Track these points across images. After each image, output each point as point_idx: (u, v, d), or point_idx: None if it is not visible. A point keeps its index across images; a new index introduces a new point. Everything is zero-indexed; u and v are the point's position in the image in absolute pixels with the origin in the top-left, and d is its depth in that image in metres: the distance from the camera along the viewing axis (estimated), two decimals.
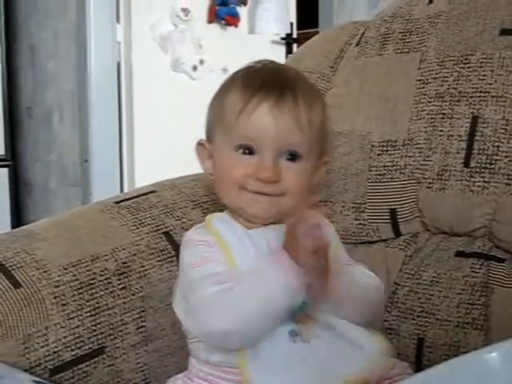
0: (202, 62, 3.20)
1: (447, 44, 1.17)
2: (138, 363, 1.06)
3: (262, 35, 3.57)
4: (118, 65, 3.03)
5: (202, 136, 1.01)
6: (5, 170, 2.89)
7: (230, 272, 0.88)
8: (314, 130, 0.93)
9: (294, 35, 3.76)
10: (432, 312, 1.08)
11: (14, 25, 3.04)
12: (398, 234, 1.18)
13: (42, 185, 3.05)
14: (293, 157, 0.92)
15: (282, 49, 3.70)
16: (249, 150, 0.91)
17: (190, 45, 3.17)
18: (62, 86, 2.91)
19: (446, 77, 1.15)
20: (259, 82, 0.93)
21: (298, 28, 3.77)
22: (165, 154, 2.91)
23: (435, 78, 1.16)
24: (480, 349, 0.72)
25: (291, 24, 3.72)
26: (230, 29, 3.46)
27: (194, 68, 3.17)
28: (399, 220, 1.17)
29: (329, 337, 0.90)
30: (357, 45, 1.31)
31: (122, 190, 2.97)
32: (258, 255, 0.90)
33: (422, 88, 1.17)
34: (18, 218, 2.96)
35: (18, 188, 3.06)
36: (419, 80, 1.18)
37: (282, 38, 3.69)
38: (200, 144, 1.00)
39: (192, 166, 1.10)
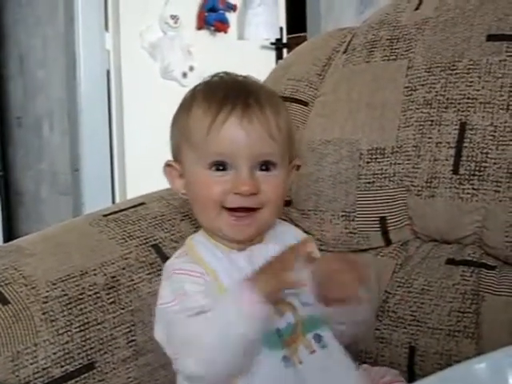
0: (191, 68, 3.19)
1: (434, 50, 1.17)
2: (129, 378, 1.05)
3: (252, 41, 3.56)
4: (108, 73, 3.02)
5: None
6: None
7: (204, 306, 0.85)
8: (284, 135, 0.92)
9: (284, 40, 3.75)
10: (423, 320, 1.07)
11: (2, 33, 3.03)
12: (388, 242, 1.17)
13: (34, 193, 3.04)
14: (267, 166, 0.91)
15: (272, 54, 3.69)
16: (222, 166, 0.90)
17: (180, 52, 3.17)
18: (51, 95, 2.90)
19: (433, 83, 1.15)
20: (222, 94, 0.91)
21: (288, 32, 3.77)
22: (156, 161, 2.88)
23: (423, 85, 1.16)
24: (471, 358, 0.72)
25: (281, 29, 3.72)
26: (220, 35, 3.45)
27: (184, 75, 3.16)
28: (389, 228, 1.16)
29: (313, 360, 0.88)
30: (344, 52, 1.31)
31: (113, 199, 2.96)
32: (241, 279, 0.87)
33: (410, 95, 1.17)
34: (9, 227, 2.95)
35: (9, 197, 3.05)
36: (407, 87, 1.18)
37: (272, 43, 3.68)
38: (168, 165, 0.98)
39: None
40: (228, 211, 0.90)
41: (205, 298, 0.86)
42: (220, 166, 0.90)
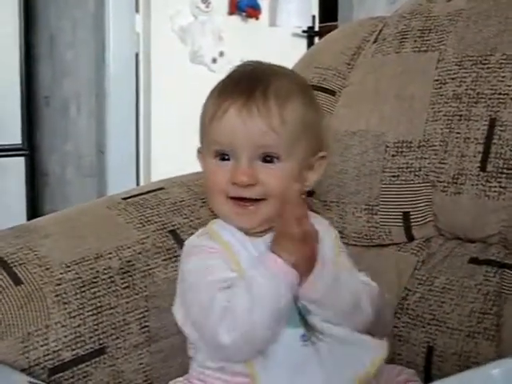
0: (221, 54, 3.17)
1: (466, 43, 1.14)
2: (141, 364, 1.04)
3: (283, 28, 3.53)
4: (137, 56, 3.01)
5: None
6: (21, 160, 2.88)
7: (232, 279, 0.86)
8: (291, 127, 0.90)
9: (316, 28, 3.71)
10: (443, 320, 1.05)
11: (33, 14, 3.03)
12: (410, 238, 1.15)
13: (59, 175, 3.05)
14: (270, 158, 0.90)
15: (303, 42, 3.65)
16: (227, 156, 0.90)
17: (210, 36, 3.14)
18: (79, 76, 2.89)
19: (464, 77, 1.12)
20: (233, 84, 0.91)
21: (320, 21, 3.73)
22: (182, 146, 2.87)
23: (453, 79, 1.13)
24: (490, 361, 0.70)
25: (313, 17, 3.68)
26: (251, 21, 3.42)
27: (214, 60, 3.14)
28: (412, 224, 1.14)
29: (331, 340, 0.88)
30: (374, 42, 1.28)
31: (137, 182, 2.95)
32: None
33: (440, 88, 1.14)
34: (34, 208, 2.95)
35: (35, 178, 3.06)
36: (437, 80, 1.15)
37: (304, 31, 3.64)
38: (199, 152, 0.98)
39: None
40: (232, 200, 0.91)
41: (228, 270, 0.87)
42: (224, 155, 0.90)
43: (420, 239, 1.14)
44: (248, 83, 0.90)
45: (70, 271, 1.01)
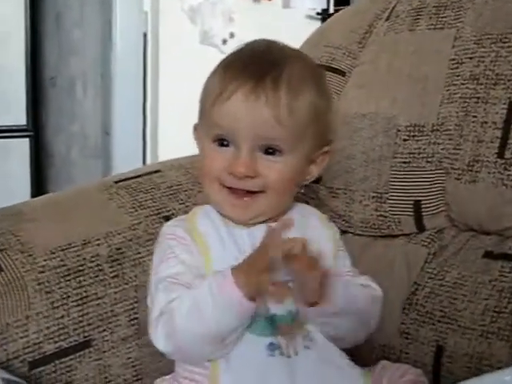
0: (232, 35, 3.09)
1: (485, 21, 1.07)
2: (129, 358, 0.98)
3: (297, 9, 3.44)
4: (145, 35, 2.94)
5: None
6: (26, 141, 2.83)
7: (186, 275, 0.81)
8: (299, 121, 0.83)
9: (331, 10, 3.62)
10: (454, 318, 0.97)
11: None
12: (421, 228, 1.08)
13: (64, 156, 2.99)
14: (272, 151, 0.83)
15: (317, 24, 3.55)
16: (226, 142, 0.84)
17: (221, 17, 3.07)
18: (86, 55, 2.83)
19: (482, 57, 1.04)
20: (242, 64, 0.84)
21: (335, 3, 3.64)
22: (189, 128, 2.82)
23: (470, 58, 1.06)
24: (504, 364, 0.63)
25: None
26: (264, 2, 3.33)
27: (224, 41, 3.07)
28: (424, 213, 1.06)
29: (310, 354, 0.82)
30: (387, 19, 1.21)
31: (144, 164, 2.89)
32: (238, 257, 0.80)
33: (456, 68, 1.07)
34: (38, 189, 2.90)
35: (40, 159, 3.01)
36: (453, 59, 1.07)
37: (318, 13, 3.56)
38: (195, 128, 0.92)
39: None
40: (227, 189, 0.85)
41: (186, 266, 0.82)
42: (223, 140, 0.84)
43: (431, 230, 1.07)
44: (258, 66, 0.83)
45: (54, 258, 0.95)
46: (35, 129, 2.90)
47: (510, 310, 0.94)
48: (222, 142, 0.84)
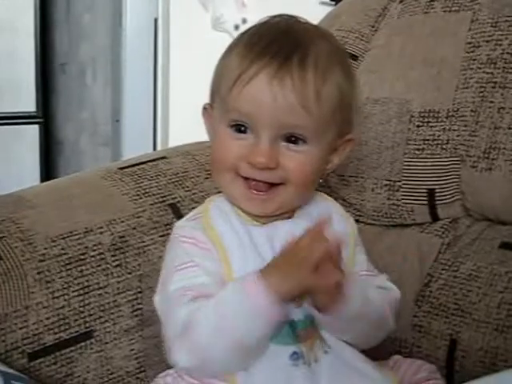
0: (244, 21, 3.04)
1: (503, 2, 1.03)
2: (132, 350, 0.95)
3: None
4: (155, 21, 2.90)
5: None
6: (36, 127, 2.80)
7: (211, 286, 0.74)
8: (327, 107, 0.76)
9: None
10: (468, 311, 0.94)
11: None
12: (435, 217, 1.04)
13: (74, 143, 2.97)
14: (295, 139, 0.76)
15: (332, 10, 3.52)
16: (244, 128, 0.76)
17: (233, 3, 3.02)
18: (96, 41, 2.79)
19: (499, 40, 1.01)
20: (264, 43, 0.75)
21: None
22: (201, 116, 2.78)
23: (487, 42, 1.02)
24: None
25: None
26: None
27: (236, 27, 3.02)
28: (437, 202, 1.03)
29: (330, 360, 0.76)
30: (401, 1, 1.17)
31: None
32: (257, 259, 0.75)
33: (472, 52, 1.03)
34: (48, 176, 2.88)
35: (50, 146, 2.98)
36: (469, 43, 1.04)
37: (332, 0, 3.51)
38: (205, 108, 0.84)
39: None
40: (243, 179, 0.77)
41: (206, 275, 0.75)
42: (241, 126, 0.76)
43: (445, 219, 1.03)
44: (283, 44, 0.75)
45: (55, 246, 0.92)
46: (45, 116, 2.87)
47: None
48: (239, 127, 0.76)
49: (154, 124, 2.88)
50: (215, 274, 0.75)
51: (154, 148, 2.86)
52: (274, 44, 0.75)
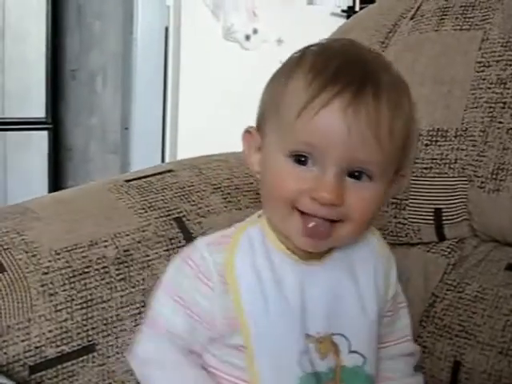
0: (255, 31, 3.05)
1: None
2: None
3: (322, 6, 3.39)
4: (166, 30, 2.90)
5: (251, 112, 0.78)
6: (45, 134, 2.81)
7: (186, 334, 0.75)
8: (397, 142, 0.70)
9: (357, 8, 3.57)
10: (473, 333, 0.93)
11: None
12: (441, 237, 1.03)
13: (83, 150, 2.98)
14: (359, 174, 0.70)
15: (343, 22, 3.51)
16: (304, 159, 0.69)
17: (244, 13, 3.02)
18: (106, 49, 2.81)
19: (510, 60, 1.00)
20: (334, 69, 0.68)
21: (361, 1, 3.58)
22: (211, 124, 2.79)
23: (497, 61, 1.01)
24: None
25: None
26: None
27: (247, 37, 3.03)
28: (444, 222, 1.02)
29: None
30: (411, 18, 1.16)
31: (163, 161, 2.87)
32: (278, 297, 0.72)
33: (482, 71, 1.02)
34: (56, 183, 2.89)
35: (59, 152, 2.99)
36: (479, 62, 1.03)
37: (343, 11, 3.51)
38: (248, 132, 0.77)
39: (237, 141, 0.86)
40: (300, 214, 0.71)
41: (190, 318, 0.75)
42: (302, 157, 0.70)
43: (452, 240, 1.03)
44: (355, 72, 0.69)
45: (59, 259, 0.91)
46: (54, 122, 2.88)
47: None
48: (299, 157, 0.70)
49: (163, 133, 2.89)
50: (203, 313, 0.74)
51: (163, 157, 2.87)
52: (345, 71, 0.69)
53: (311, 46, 0.74)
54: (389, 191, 0.75)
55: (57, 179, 2.93)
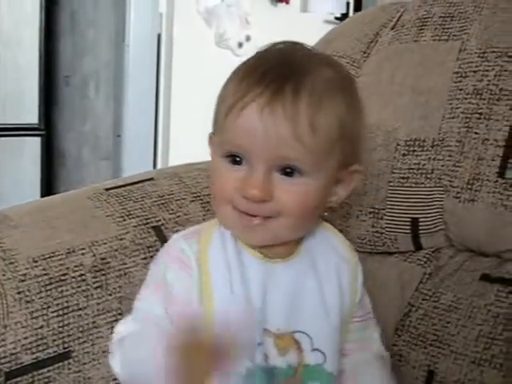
0: (248, 38, 3.06)
1: (491, 33, 1.02)
2: (110, 371, 0.94)
3: (316, 14, 3.40)
4: (159, 37, 2.91)
5: None
6: (37, 139, 2.82)
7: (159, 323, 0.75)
8: (323, 138, 0.72)
9: (350, 15, 3.58)
10: (447, 342, 0.93)
11: None
12: (418, 247, 1.04)
13: (75, 156, 2.98)
14: (290, 171, 0.73)
15: None
16: (239, 159, 0.74)
17: (237, 20, 3.03)
18: (99, 55, 2.81)
19: (486, 71, 1.00)
20: (260, 72, 0.72)
21: (355, 8, 3.59)
22: (202, 132, 2.78)
23: (474, 72, 1.01)
24: None
25: (347, 3, 3.55)
26: (281, 5, 3.30)
27: (240, 45, 3.04)
28: (421, 232, 1.02)
29: None
30: (392, 28, 1.17)
31: (155, 167, 2.87)
32: (241, 295, 0.75)
33: (459, 82, 1.02)
34: (49, 189, 2.89)
35: (52, 158, 3.00)
36: (456, 72, 1.03)
37: (337, 18, 3.52)
38: (210, 137, 0.81)
39: None
40: (239, 213, 0.75)
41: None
42: (236, 157, 0.74)
43: (428, 249, 1.03)
44: (278, 73, 0.72)
45: (36, 267, 0.92)
46: (47, 128, 2.89)
47: (505, 337, 0.90)
48: (234, 158, 0.74)
49: (155, 139, 2.90)
50: (182, 301, 0.76)
51: (155, 163, 2.87)
52: (271, 72, 0.72)
53: (257, 52, 0.79)
54: (340, 187, 0.79)
55: (49, 185, 2.94)
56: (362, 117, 0.80)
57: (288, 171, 0.73)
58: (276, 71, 0.72)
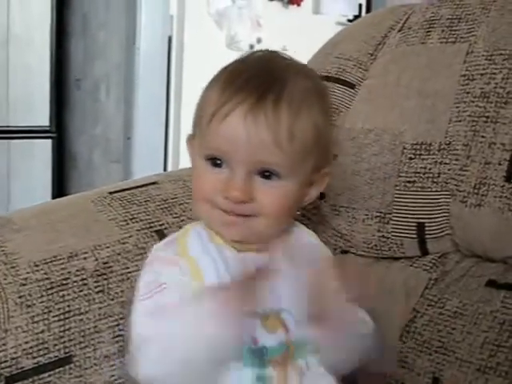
0: (259, 40, 3.05)
1: (499, 35, 1.01)
2: (112, 376, 0.94)
3: (328, 16, 3.39)
4: (170, 39, 2.91)
5: None
6: (48, 142, 2.82)
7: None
8: (300, 144, 0.77)
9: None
10: (452, 349, 0.92)
11: None
12: (424, 252, 1.02)
13: (86, 159, 2.99)
14: (269, 174, 0.78)
15: None
16: (219, 161, 0.78)
17: (248, 22, 3.03)
18: (110, 58, 2.81)
19: (493, 73, 0.99)
20: (242, 80, 0.76)
21: (367, 10, 3.58)
22: None
23: (482, 75, 1.00)
24: None
25: (360, 5, 3.54)
26: (293, 7, 3.29)
27: (251, 47, 3.03)
28: (427, 236, 1.01)
29: None
30: (399, 30, 1.16)
31: (165, 170, 2.87)
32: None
33: (466, 85, 1.01)
34: (60, 191, 2.90)
35: (63, 161, 3.00)
36: (464, 75, 1.02)
37: (349, 20, 3.50)
38: (189, 139, 0.86)
39: None
40: (220, 210, 0.79)
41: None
42: (217, 160, 0.78)
43: (435, 254, 1.02)
44: (261, 81, 0.76)
45: (38, 271, 0.92)
46: (58, 130, 2.89)
47: (511, 344, 0.88)
48: (215, 161, 0.78)
49: (166, 142, 2.89)
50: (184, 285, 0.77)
51: (165, 166, 2.87)
52: (252, 80, 0.76)
53: (235, 60, 0.83)
54: (312, 188, 0.83)
55: (60, 187, 2.94)
56: (332, 123, 0.88)
57: (267, 174, 0.77)
58: (258, 79, 0.77)
